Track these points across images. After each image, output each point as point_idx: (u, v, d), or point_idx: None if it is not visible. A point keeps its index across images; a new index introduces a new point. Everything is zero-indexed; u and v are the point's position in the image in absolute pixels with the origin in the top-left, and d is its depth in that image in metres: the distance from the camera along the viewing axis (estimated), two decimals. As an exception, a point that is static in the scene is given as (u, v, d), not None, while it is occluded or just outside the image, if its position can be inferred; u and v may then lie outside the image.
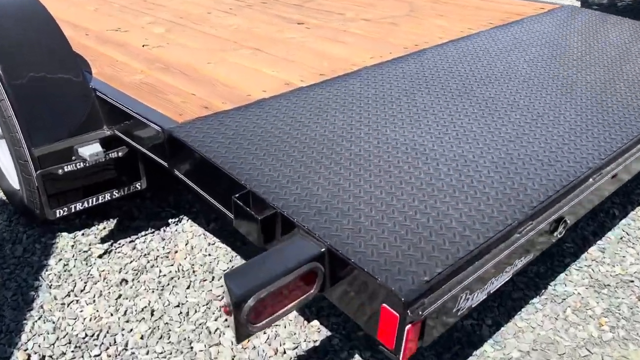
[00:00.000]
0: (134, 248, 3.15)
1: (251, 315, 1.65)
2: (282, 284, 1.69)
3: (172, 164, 2.47)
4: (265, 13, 4.36)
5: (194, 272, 2.96)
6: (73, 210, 2.90)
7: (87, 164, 2.81)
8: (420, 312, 1.63)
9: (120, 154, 2.91)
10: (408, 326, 1.64)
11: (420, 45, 3.52)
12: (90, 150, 2.76)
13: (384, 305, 1.66)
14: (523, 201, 2.03)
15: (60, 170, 2.76)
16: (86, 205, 2.94)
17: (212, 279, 2.90)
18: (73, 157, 2.78)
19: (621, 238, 3.09)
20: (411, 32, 3.81)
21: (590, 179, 2.24)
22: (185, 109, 2.59)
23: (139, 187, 3.07)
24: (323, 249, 1.79)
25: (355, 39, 3.69)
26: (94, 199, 2.94)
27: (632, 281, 2.77)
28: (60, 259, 3.08)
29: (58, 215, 2.87)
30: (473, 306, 1.92)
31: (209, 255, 3.08)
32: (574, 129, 2.52)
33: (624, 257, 2.94)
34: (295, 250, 1.79)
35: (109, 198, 3.00)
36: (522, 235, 1.95)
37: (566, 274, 2.84)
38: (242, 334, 1.67)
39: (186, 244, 3.18)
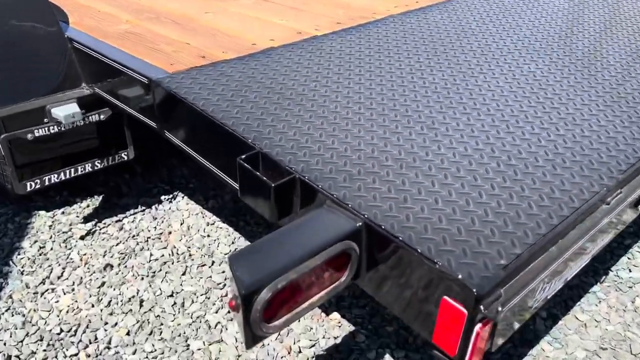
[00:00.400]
0: (121, 228, 2.72)
1: (265, 311, 1.22)
2: (305, 271, 1.25)
3: (163, 124, 2.03)
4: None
5: (190, 255, 2.53)
6: (47, 183, 2.46)
7: (63, 128, 2.37)
8: (497, 308, 1.20)
9: (102, 117, 2.46)
10: (478, 326, 1.21)
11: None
12: (66, 110, 2.31)
13: (446, 298, 1.22)
14: (610, 164, 1.59)
15: (29, 135, 2.31)
16: (63, 178, 2.49)
17: (212, 264, 2.46)
18: (45, 120, 2.33)
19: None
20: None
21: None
22: (179, 58, 2.14)
23: (126, 157, 2.63)
24: (359, 224, 1.35)
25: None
26: (72, 170, 2.50)
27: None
28: (36, 241, 2.65)
29: (29, 189, 2.42)
30: (548, 297, 1.49)
31: (208, 236, 2.65)
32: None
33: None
34: (322, 226, 1.35)
35: (90, 169, 2.56)
36: (611, 207, 1.51)
37: (629, 258, 2.42)
38: (253, 336, 1.24)
39: (181, 224, 2.75)
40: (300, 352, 2.03)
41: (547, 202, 1.42)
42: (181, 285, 2.36)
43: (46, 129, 2.33)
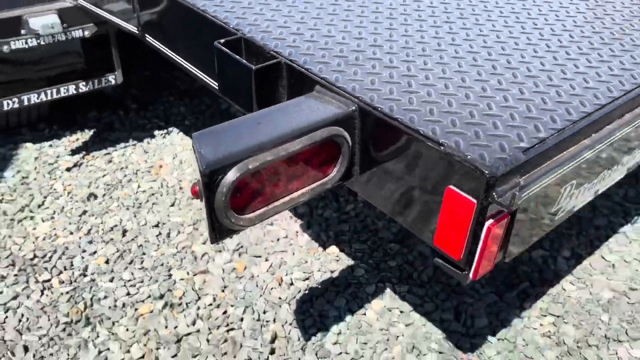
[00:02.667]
0: (109, 161, 2.53)
1: (233, 197, 1.01)
2: (283, 154, 1.04)
3: (144, 27, 1.82)
4: None
5: (181, 189, 2.34)
6: (26, 103, 2.27)
7: (42, 42, 2.17)
8: (513, 198, 0.97)
9: (86, 33, 2.25)
10: (489, 222, 0.99)
11: None
12: (44, 21, 2.11)
13: (451, 187, 1.00)
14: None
15: (5, 47, 2.11)
16: (44, 98, 2.30)
17: (203, 196, 2.27)
18: (23, 31, 2.13)
19: None
20: None
21: None
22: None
23: (113, 82, 2.43)
24: (352, 108, 1.13)
25: None
26: (55, 90, 2.31)
27: None
28: (19, 171, 2.47)
29: (6, 108, 2.24)
30: (575, 209, 1.27)
31: (201, 169, 2.45)
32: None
33: None
34: (307, 109, 1.14)
35: (75, 92, 2.36)
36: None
37: (664, 199, 2.17)
38: (219, 228, 1.03)
39: (174, 158, 2.55)
40: (292, 284, 1.83)
41: (579, 91, 1.18)
42: (168, 216, 2.17)
43: (23, 41, 2.14)
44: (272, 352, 1.59)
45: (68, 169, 2.49)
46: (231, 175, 0.98)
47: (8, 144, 2.67)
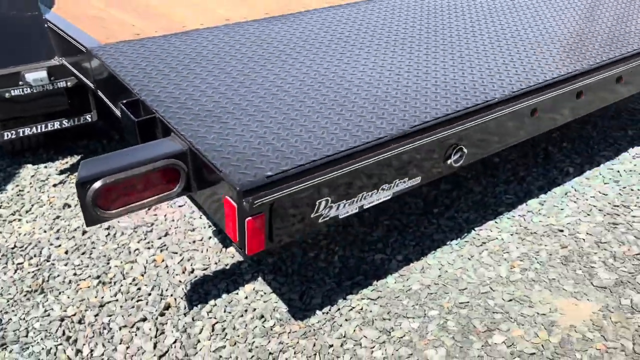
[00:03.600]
0: (86, 179, 3.28)
1: (98, 199, 1.71)
2: (134, 174, 1.74)
3: (97, 83, 2.57)
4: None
5: (135, 202, 3.06)
6: (22, 134, 3.05)
7: (33, 90, 2.95)
8: (257, 204, 1.65)
9: (68, 83, 3.03)
10: (248, 218, 1.67)
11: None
12: (35, 76, 2.89)
13: (226, 197, 1.69)
14: (402, 118, 2.01)
15: (7, 93, 2.90)
16: (35, 131, 3.08)
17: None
18: (20, 82, 2.92)
19: (566, 193, 2.99)
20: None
21: (491, 109, 2.19)
22: (117, 35, 2.68)
23: (90, 119, 3.19)
24: (186, 148, 1.83)
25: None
26: (43, 125, 3.08)
27: (562, 231, 2.68)
28: (17, 185, 3.25)
29: (7, 138, 3.02)
30: (340, 217, 1.92)
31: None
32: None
33: (562, 209, 2.85)
34: (158, 147, 1.85)
35: (59, 126, 3.13)
36: (391, 151, 1.93)
37: (496, 222, 2.78)
38: (89, 218, 1.74)
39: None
40: (193, 272, 2.52)
41: (332, 141, 1.85)
42: (118, 222, 2.89)
43: (20, 90, 2.92)
44: (162, 314, 2.28)
45: (54, 185, 3.25)
46: (96, 185, 1.69)
47: (14, 164, 3.46)
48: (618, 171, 3.18)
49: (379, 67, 2.41)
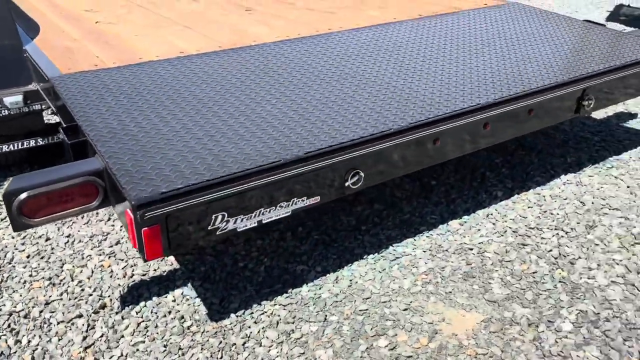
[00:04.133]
0: (60, 192, 3.64)
1: (23, 209, 2.04)
2: (54, 189, 2.07)
3: (57, 108, 2.93)
4: (228, 1, 4.78)
5: (97, 214, 3.40)
6: (1, 151, 3.43)
7: (11, 112, 3.33)
8: (150, 217, 1.95)
9: (43, 107, 3.41)
10: (144, 229, 1.97)
11: (334, 29, 3.81)
12: (11, 99, 3.27)
13: (127, 210, 2.00)
14: (300, 145, 2.30)
15: (-14, 116, 3.29)
16: (12, 148, 3.45)
17: (108, 219, 3.32)
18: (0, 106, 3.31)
19: (487, 215, 3.23)
20: (337, 19, 4.10)
21: (387, 139, 2.46)
22: (78, 65, 3.04)
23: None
24: (102, 166, 2.16)
25: (282, 22, 4.02)
26: (19, 143, 3.46)
27: (471, 249, 2.92)
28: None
29: (-14, 155, 3.41)
30: (239, 230, 2.22)
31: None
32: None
33: (479, 230, 3.09)
34: (81, 166, 2.17)
35: (34, 144, 3.51)
36: (283, 174, 2.22)
37: (414, 239, 3.03)
38: (16, 225, 2.07)
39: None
40: (132, 276, 2.83)
41: (228, 162, 2.16)
42: (78, 231, 3.22)
43: (-1, 111, 3.31)
44: (97, 312, 2.59)
45: (31, 197, 3.61)
46: (21, 197, 2.02)
47: (1, 179, 3.84)
48: (544, 196, 3.40)
49: (289, 100, 2.70)
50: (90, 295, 2.72)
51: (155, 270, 2.88)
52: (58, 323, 2.54)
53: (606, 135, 4.24)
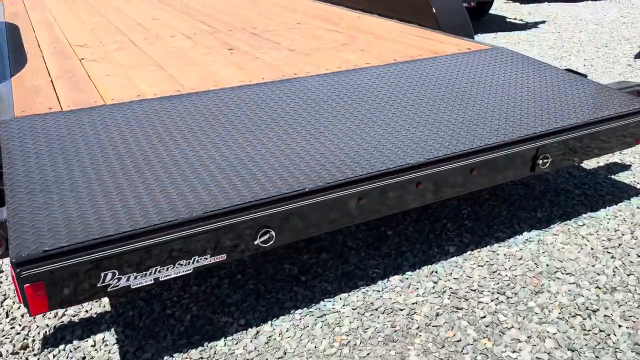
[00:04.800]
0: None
1: None
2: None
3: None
4: (218, 39, 4.88)
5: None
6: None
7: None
8: (29, 274, 2.00)
9: (11, 142, 3.55)
10: (26, 285, 2.02)
11: (300, 73, 3.82)
12: (-22, 136, 3.42)
13: (12, 267, 2.05)
14: (203, 202, 2.31)
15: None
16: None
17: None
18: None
19: (432, 272, 3.13)
20: (310, 62, 4.11)
21: (299, 199, 2.44)
22: (34, 108, 3.17)
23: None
24: (5, 219, 2.23)
25: (256, 64, 4.07)
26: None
27: (402, 309, 2.84)
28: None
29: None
30: (133, 287, 2.24)
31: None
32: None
33: (417, 288, 3.00)
34: (-8, 216, 2.26)
35: None
36: (178, 233, 2.22)
37: (348, 295, 2.97)
38: None
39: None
40: (63, 316, 2.89)
41: (123, 220, 2.19)
42: (32, 265, 3.33)
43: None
44: (16, 353, 2.65)
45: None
46: None
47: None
48: (498, 254, 3.28)
49: (207, 154, 2.72)
50: (18, 334, 2.79)
51: (87, 311, 2.94)
52: (-23, 362, 2.63)
53: (589, 189, 4.06)
